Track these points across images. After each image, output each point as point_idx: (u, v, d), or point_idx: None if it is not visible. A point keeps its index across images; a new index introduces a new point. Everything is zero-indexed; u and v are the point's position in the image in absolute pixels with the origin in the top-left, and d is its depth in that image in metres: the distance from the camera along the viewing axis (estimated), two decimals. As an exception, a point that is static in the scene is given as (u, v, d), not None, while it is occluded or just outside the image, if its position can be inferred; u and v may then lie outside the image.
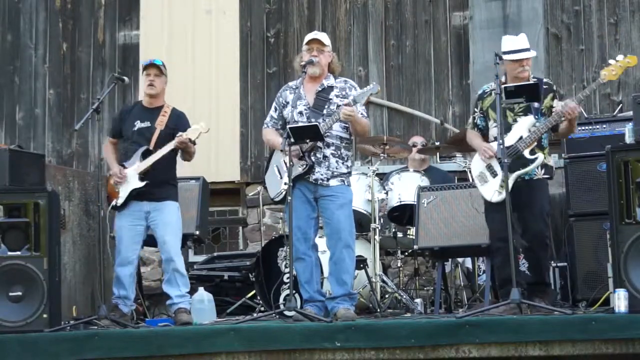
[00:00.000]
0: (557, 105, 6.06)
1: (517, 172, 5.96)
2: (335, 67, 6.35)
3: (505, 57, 6.09)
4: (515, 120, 6.08)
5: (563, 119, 5.95)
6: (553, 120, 5.97)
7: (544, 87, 6.09)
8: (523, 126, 6.03)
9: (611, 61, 6.04)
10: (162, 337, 5.53)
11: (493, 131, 6.16)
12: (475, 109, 6.33)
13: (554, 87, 6.24)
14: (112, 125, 6.97)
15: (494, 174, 6.05)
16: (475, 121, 6.32)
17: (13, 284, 5.84)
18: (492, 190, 6.06)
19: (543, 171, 6.08)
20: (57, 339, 5.60)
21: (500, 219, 5.94)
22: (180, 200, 6.88)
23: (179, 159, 6.72)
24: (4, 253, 5.89)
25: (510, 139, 5.98)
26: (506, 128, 6.02)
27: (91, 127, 9.11)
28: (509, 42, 6.17)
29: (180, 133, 6.47)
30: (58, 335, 5.68)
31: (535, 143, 5.98)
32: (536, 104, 6.03)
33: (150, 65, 6.65)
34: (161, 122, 6.61)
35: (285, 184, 6.07)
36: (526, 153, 5.97)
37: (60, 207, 6.48)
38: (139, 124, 6.62)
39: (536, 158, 5.97)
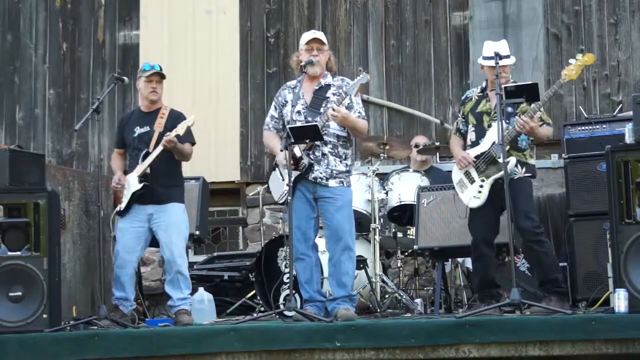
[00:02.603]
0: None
1: (493, 177, 6.06)
2: (332, 65, 6.38)
3: (483, 62, 6.18)
4: (489, 125, 6.14)
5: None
6: (515, 131, 6.05)
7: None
8: (495, 132, 6.06)
9: (571, 60, 6.08)
10: (162, 337, 5.54)
11: (471, 135, 6.31)
12: (459, 114, 6.47)
13: None
14: (115, 136, 7.00)
15: (472, 180, 6.19)
16: (458, 126, 6.45)
17: (13, 284, 5.84)
18: (470, 196, 6.14)
19: (524, 170, 6.15)
20: (57, 339, 5.60)
21: (482, 224, 6.07)
22: (180, 200, 6.90)
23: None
24: (4, 253, 5.90)
25: (484, 145, 6.12)
26: (482, 133, 6.18)
27: (91, 127, 9.10)
28: (488, 47, 6.23)
29: (168, 133, 6.47)
30: (58, 335, 5.68)
31: (507, 148, 6.00)
32: (509, 108, 6.10)
33: (155, 74, 6.66)
34: (159, 124, 6.61)
35: (287, 185, 6.07)
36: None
37: (60, 207, 6.48)
38: (138, 130, 6.64)
39: (508, 162, 5.98)
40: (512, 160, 6.06)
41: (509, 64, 6.19)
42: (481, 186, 6.11)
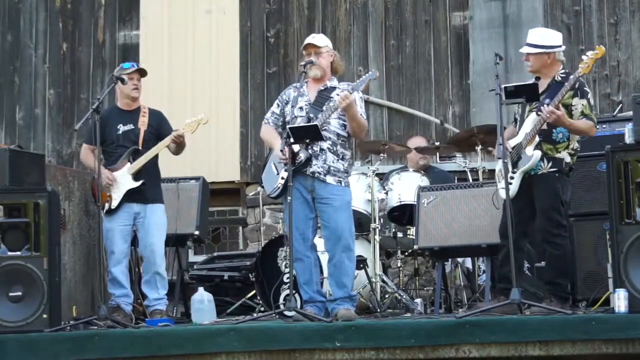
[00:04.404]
0: (578, 104, 5.97)
1: (521, 169, 5.96)
2: (339, 66, 6.34)
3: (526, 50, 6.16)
4: (527, 116, 6.08)
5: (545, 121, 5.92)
6: (541, 121, 5.92)
7: (566, 83, 5.95)
8: (528, 123, 6.03)
9: (589, 53, 6.00)
10: (162, 337, 5.54)
11: (518, 125, 6.22)
12: (516, 105, 6.28)
13: (577, 85, 5.98)
14: (89, 132, 6.72)
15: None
16: (515, 116, 6.29)
17: (13, 284, 5.84)
18: (502, 186, 6.06)
19: (550, 165, 5.96)
20: (57, 339, 5.60)
21: (503, 216, 5.98)
22: (180, 200, 6.95)
23: (167, 155, 6.78)
24: (4, 253, 5.90)
25: (519, 136, 6.03)
26: (522, 123, 6.08)
27: (91, 127, 9.10)
28: (530, 35, 6.20)
29: (176, 128, 6.56)
30: (58, 335, 5.68)
31: (537, 140, 5.95)
32: (547, 100, 5.92)
33: (136, 70, 6.78)
34: (143, 122, 6.74)
35: (282, 178, 6.08)
36: (529, 150, 5.96)
37: (60, 207, 6.48)
38: (122, 127, 6.73)
39: (532, 155, 5.93)
40: (536, 154, 5.92)
41: (523, 52, 6.12)
42: (512, 178, 5.97)
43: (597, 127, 6.72)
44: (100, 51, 9.46)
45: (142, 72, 6.81)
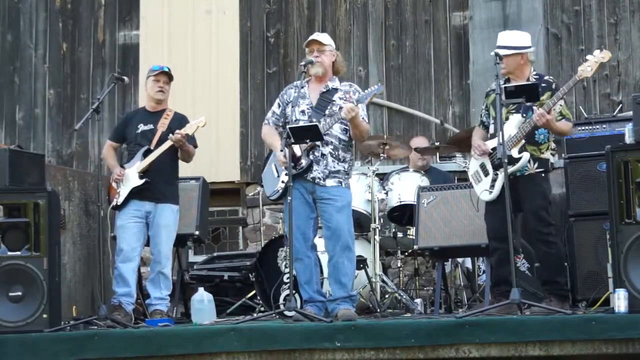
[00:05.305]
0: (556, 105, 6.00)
1: (508, 170, 5.97)
2: (340, 67, 6.34)
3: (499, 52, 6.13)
4: (507, 118, 6.08)
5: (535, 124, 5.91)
6: (531, 124, 5.93)
7: (543, 84, 6.04)
8: (512, 125, 6.04)
9: (589, 57, 6.01)
10: (162, 337, 5.54)
11: (490, 128, 6.23)
12: (483, 106, 6.36)
13: (554, 86, 6.09)
14: (115, 129, 7.17)
15: (486, 173, 6.10)
16: (482, 118, 6.35)
17: (13, 284, 5.85)
18: (483, 189, 6.10)
19: (536, 165, 6.01)
20: (57, 339, 5.60)
21: (494, 218, 5.99)
22: (180, 200, 6.93)
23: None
24: (4, 253, 5.90)
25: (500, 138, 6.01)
26: (500, 125, 6.05)
27: (91, 127, 9.09)
28: (501, 38, 6.21)
29: (177, 131, 6.59)
30: (58, 335, 5.68)
31: (523, 142, 5.97)
32: (528, 102, 5.95)
33: (163, 73, 6.84)
34: (163, 124, 6.79)
35: (282, 182, 6.08)
36: (514, 152, 5.97)
37: (60, 207, 6.49)
38: (142, 127, 6.81)
39: (521, 157, 5.95)
40: (525, 155, 5.96)
41: (503, 54, 6.07)
42: (494, 180, 6.01)
43: (597, 127, 6.78)
44: (100, 51, 9.46)
45: (168, 75, 6.87)
